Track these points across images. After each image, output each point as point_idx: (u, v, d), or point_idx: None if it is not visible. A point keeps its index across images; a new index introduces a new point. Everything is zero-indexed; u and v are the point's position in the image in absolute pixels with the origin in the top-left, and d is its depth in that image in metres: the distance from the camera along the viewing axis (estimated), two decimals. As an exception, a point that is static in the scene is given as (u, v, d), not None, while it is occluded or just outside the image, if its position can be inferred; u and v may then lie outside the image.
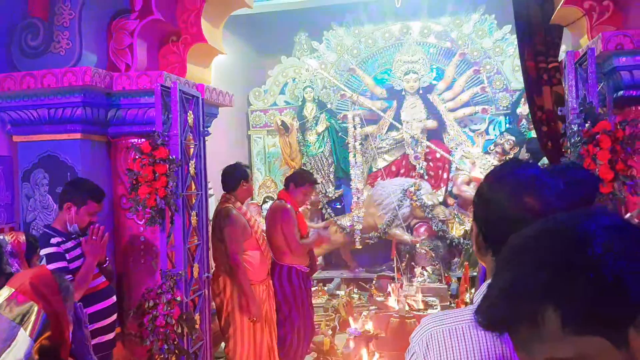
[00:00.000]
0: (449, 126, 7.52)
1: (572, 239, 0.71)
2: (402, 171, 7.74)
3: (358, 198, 7.47)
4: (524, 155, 5.94)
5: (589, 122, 2.96)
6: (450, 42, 7.57)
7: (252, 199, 7.19)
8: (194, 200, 3.80)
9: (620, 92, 3.46)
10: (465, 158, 7.16)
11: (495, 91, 7.43)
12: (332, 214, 7.87)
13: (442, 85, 7.57)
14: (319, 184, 5.03)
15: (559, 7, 3.86)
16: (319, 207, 8.02)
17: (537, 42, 4.11)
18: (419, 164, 7.42)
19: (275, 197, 7.74)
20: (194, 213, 3.69)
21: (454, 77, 7.55)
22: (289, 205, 4.54)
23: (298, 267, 4.55)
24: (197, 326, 3.60)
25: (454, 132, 7.49)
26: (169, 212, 3.49)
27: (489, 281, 1.21)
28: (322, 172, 7.98)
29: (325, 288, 7.26)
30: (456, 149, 7.40)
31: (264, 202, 7.39)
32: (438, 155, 7.48)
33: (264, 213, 6.78)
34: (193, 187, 3.83)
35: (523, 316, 0.70)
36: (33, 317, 1.84)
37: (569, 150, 3.06)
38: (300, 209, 7.39)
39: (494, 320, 0.74)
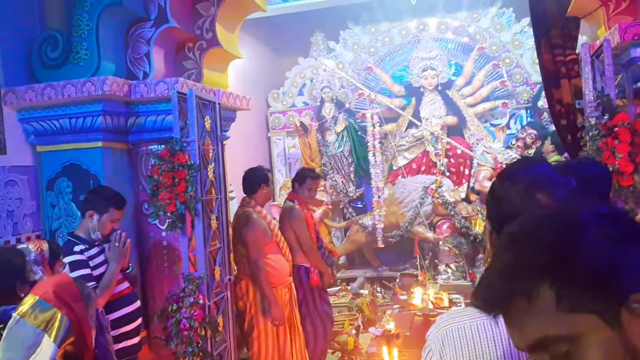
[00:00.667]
0: (469, 122, 7.46)
1: (572, 224, 0.73)
2: (422, 168, 7.70)
3: (379, 197, 7.46)
4: (548, 148, 5.84)
5: (607, 114, 2.92)
6: (468, 37, 7.50)
7: (273, 201, 7.23)
8: (214, 204, 3.84)
9: (639, 84, 3.40)
10: (486, 153, 7.09)
11: (515, 85, 7.35)
12: (354, 214, 7.87)
13: (461, 80, 7.51)
14: (320, 177, 5.11)
15: (575, -2, 3.82)
16: (340, 206, 8.03)
17: (553, 35, 4.05)
18: (439, 161, 7.38)
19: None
20: (214, 217, 3.74)
21: (472, 72, 7.48)
22: (297, 206, 4.58)
23: (307, 266, 4.58)
24: (220, 329, 3.65)
25: (475, 128, 7.42)
26: (189, 217, 3.54)
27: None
28: (343, 171, 7.98)
29: (349, 287, 7.27)
30: (477, 144, 7.33)
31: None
32: (459, 152, 7.43)
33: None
34: (213, 191, 3.87)
35: (518, 293, 0.72)
36: (57, 324, 1.90)
37: (587, 144, 3.02)
38: (317, 212, 7.50)
39: (489, 300, 0.76)
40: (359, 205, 8.11)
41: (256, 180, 4.29)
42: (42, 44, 3.94)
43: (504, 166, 6.05)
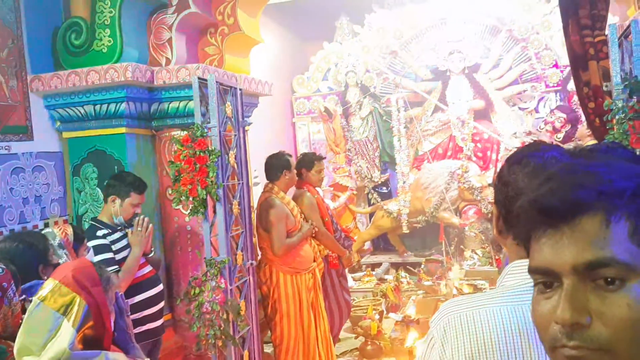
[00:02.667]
0: (497, 105, 7.32)
1: None
2: (449, 153, 7.61)
3: (404, 182, 7.40)
4: (584, 132, 5.67)
5: (634, 97, 2.83)
6: (496, 19, 7.34)
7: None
8: (236, 190, 3.86)
9: (671, 64, 3.28)
10: (514, 137, 6.97)
11: (544, 67, 7.18)
12: (379, 199, 7.84)
13: (489, 63, 7.37)
14: (325, 158, 5.06)
15: (604, -23, 3.69)
16: (365, 192, 8.01)
17: (582, 15, 3.92)
18: (466, 146, 7.28)
19: (322, 183, 7.79)
20: (235, 202, 3.76)
21: (500, 55, 7.33)
22: (308, 193, 4.54)
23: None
24: (242, 312, 3.68)
25: (502, 112, 7.29)
26: (211, 202, 3.57)
27: (512, 263, 1.19)
28: (367, 156, 7.94)
29: (374, 273, 7.27)
30: (505, 128, 7.20)
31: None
32: (486, 136, 7.31)
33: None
34: (235, 177, 3.89)
35: (604, 208, 0.69)
36: (76, 308, 1.93)
37: (614, 127, 2.93)
38: (342, 197, 7.49)
39: (572, 203, 0.70)
40: (384, 191, 8.06)
41: (278, 166, 4.30)
42: (67, 32, 3.99)
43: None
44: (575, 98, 6.52)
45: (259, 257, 4.42)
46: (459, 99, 7.38)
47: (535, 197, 0.73)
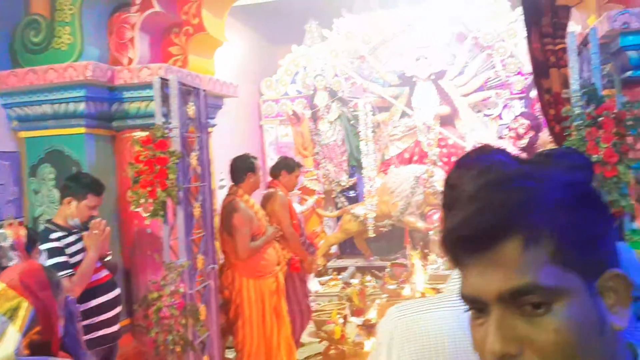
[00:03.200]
0: (462, 112, 7.40)
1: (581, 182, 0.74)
2: (415, 158, 7.66)
3: (371, 186, 7.43)
4: (546, 139, 5.78)
5: (592, 104, 2.88)
6: (462, 26, 7.43)
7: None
8: (198, 192, 3.81)
9: (628, 73, 3.36)
10: (479, 143, 7.04)
11: (509, 75, 7.29)
12: (346, 203, 7.84)
13: (455, 70, 7.45)
14: (302, 166, 5.21)
15: (565, -14, 3.76)
16: (333, 196, 8.00)
17: (544, 23, 3.99)
18: (431, 151, 7.34)
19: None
20: (197, 205, 3.70)
21: (466, 62, 7.42)
22: (280, 192, 4.57)
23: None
24: (202, 317, 3.63)
25: (467, 118, 7.37)
26: (171, 205, 3.50)
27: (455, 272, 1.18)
28: (335, 160, 7.94)
29: (340, 277, 7.26)
30: (469, 134, 7.28)
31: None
32: (451, 142, 7.38)
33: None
34: (197, 179, 3.83)
35: (521, 231, 0.66)
36: (22, 312, 1.86)
37: (572, 134, 2.98)
38: (310, 201, 7.48)
39: (481, 231, 0.67)
40: (352, 195, 8.08)
41: (242, 169, 4.25)
42: (25, 29, 3.88)
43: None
44: (538, 105, 6.64)
45: (221, 261, 4.36)
46: (425, 105, 7.44)
47: (452, 227, 0.71)
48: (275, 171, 4.75)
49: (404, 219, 7.16)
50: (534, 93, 6.88)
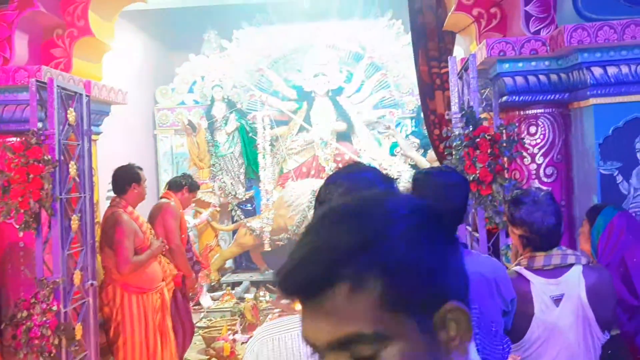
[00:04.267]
0: (358, 128, 7.59)
1: (405, 216, 0.69)
2: (312, 172, 7.74)
3: (268, 199, 7.40)
4: (432, 157, 6.06)
5: (470, 126, 3.03)
6: (359, 46, 7.64)
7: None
8: (77, 204, 3.59)
9: (505, 97, 3.57)
10: (372, 160, 7.24)
11: (402, 95, 7.57)
12: (242, 216, 7.74)
13: (351, 88, 7.64)
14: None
15: (450, 13, 3.96)
16: (229, 209, 7.88)
17: (430, 47, 4.20)
18: (328, 165, 7.45)
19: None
20: (75, 217, 3.49)
21: (362, 80, 7.63)
22: (173, 203, 4.46)
23: None
24: (77, 337, 3.41)
25: (362, 135, 7.56)
26: (46, 217, 3.28)
27: None
28: (232, 173, 7.84)
29: (234, 291, 7.14)
30: (364, 151, 7.47)
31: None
32: (347, 157, 7.53)
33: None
34: (76, 189, 3.61)
35: (344, 278, 0.63)
36: None
37: (452, 153, 3.12)
38: (204, 214, 7.36)
39: (306, 282, 0.65)
40: (249, 208, 7.98)
41: (126, 179, 4.07)
42: None
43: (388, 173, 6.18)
44: (428, 125, 6.96)
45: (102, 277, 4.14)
46: (322, 120, 7.55)
47: (280, 274, 0.67)
48: (177, 186, 4.64)
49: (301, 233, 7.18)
50: (424, 113, 7.21)
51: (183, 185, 4.71)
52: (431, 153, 6.24)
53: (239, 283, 7.51)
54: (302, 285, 0.65)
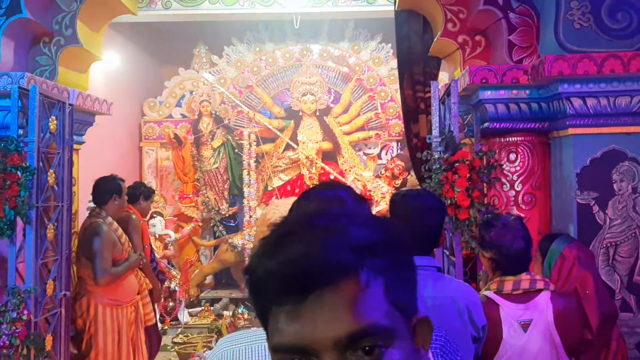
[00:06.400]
0: (344, 149, 7.62)
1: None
2: (297, 191, 7.71)
3: (251, 216, 7.38)
4: (413, 181, 6.09)
5: (449, 150, 3.06)
6: (348, 67, 7.71)
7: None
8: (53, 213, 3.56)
9: (486, 124, 3.62)
10: (357, 181, 7.27)
11: (388, 118, 7.63)
12: (224, 232, 7.69)
13: (339, 108, 7.68)
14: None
15: (435, 39, 4.02)
16: (211, 224, 7.83)
17: (416, 72, 4.25)
18: (312, 184, 7.44)
19: (166, 212, 7.52)
20: (51, 226, 3.45)
21: (350, 102, 7.68)
22: (134, 216, 4.44)
23: None
24: (47, 348, 3.35)
25: (348, 155, 7.59)
26: (21, 224, 3.24)
27: None
28: (216, 188, 7.81)
29: (212, 308, 7.07)
30: (349, 171, 7.49)
31: (152, 217, 7.09)
32: (332, 177, 7.54)
33: (151, 229, 6.53)
34: (54, 198, 3.58)
35: (364, 266, 0.62)
36: None
37: (431, 177, 3.14)
38: (186, 229, 7.31)
39: (310, 271, 0.61)
40: (231, 224, 7.94)
41: (108, 191, 4.04)
42: None
43: (372, 194, 6.15)
44: (413, 148, 7.00)
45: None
46: (309, 139, 7.57)
47: (275, 266, 0.63)
48: (133, 198, 4.62)
49: (281, 251, 7.15)
50: (410, 136, 7.26)
51: (138, 195, 4.72)
52: (412, 178, 6.29)
53: (218, 299, 7.43)
54: (322, 272, 0.61)
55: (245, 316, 6.72)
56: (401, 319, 0.65)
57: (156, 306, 4.72)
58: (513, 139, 3.59)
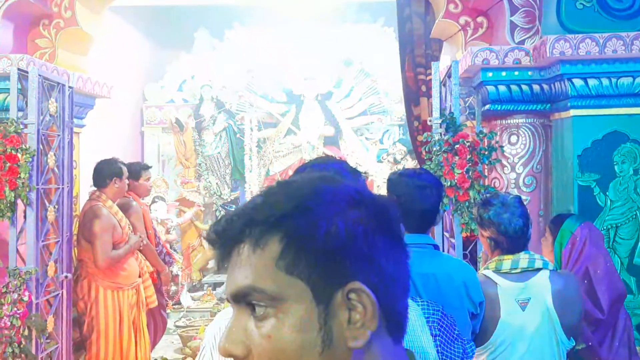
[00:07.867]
0: (345, 134, 7.61)
1: (326, 192, 0.72)
2: (298, 176, 7.73)
3: (252, 201, 7.38)
4: (416, 164, 6.07)
5: (450, 132, 3.05)
6: (350, 51, 7.66)
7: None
8: (54, 195, 3.57)
9: (487, 106, 3.59)
10: (359, 165, 7.25)
11: (390, 102, 7.60)
12: (226, 217, 7.70)
13: (341, 93, 7.66)
14: (151, 167, 4.82)
15: (437, 21, 3.99)
16: (214, 209, 7.85)
17: (417, 54, 4.22)
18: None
19: (168, 197, 7.52)
20: (52, 208, 3.46)
21: (352, 86, 7.65)
22: (134, 202, 4.37)
23: None
24: (49, 329, 3.37)
25: (350, 140, 7.58)
26: (22, 206, 3.25)
27: None
28: (218, 173, 7.82)
29: (214, 292, 7.11)
30: (351, 156, 7.48)
31: (153, 201, 7.10)
32: (333, 162, 7.54)
33: (153, 214, 6.54)
34: (55, 180, 3.59)
35: (250, 235, 0.70)
36: None
37: (432, 158, 3.13)
38: (188, 213, 7.30)
39: (221, 234, 0.73)
40: (233, 209, 7.95)
41: (108, 173, 4.03)
42: None
43: (374, 179, 6.15)
44: (415, 133, 6.98)
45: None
46: (311, 124, 7.56)
47: (207, 230, 0.78)
48: (134, 174, 4.50)
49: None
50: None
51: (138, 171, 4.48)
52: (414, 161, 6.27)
53: (221, 284, 7.46)
54: (219, 238, 0.73)
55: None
56: (304, 288, 0.69)
57: (163, 289, 4.71)
58: (514, 121, 3.57)
